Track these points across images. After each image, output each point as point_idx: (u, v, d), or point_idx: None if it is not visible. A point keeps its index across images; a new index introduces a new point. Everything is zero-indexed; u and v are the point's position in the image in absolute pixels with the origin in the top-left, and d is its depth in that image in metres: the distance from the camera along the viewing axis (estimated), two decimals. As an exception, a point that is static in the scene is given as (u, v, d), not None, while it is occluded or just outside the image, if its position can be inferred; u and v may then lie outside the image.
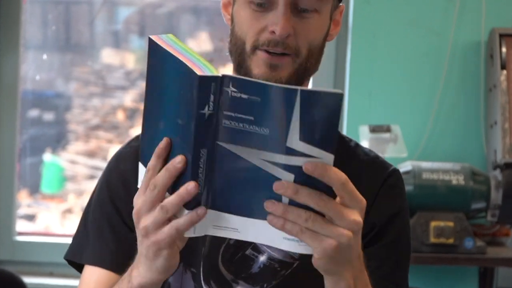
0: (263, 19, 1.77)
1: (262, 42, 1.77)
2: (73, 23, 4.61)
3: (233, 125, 1.49)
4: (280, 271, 1.83)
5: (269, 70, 1.76)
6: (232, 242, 1.82)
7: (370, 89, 3.55)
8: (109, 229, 1.89)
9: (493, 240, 3.45)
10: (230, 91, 1.48)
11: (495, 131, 3.36)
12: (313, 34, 1.80)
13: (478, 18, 3.50)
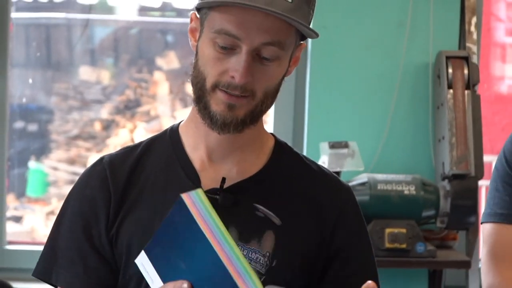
0: (225, 62, 1.79)
1: (222, 84, 1.79)
2: (53, 43, 4.80)
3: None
4: None
5: (227, 109, 1.80)
6: None
7: (328, 108, 3.64)
8: (79, 259, 1.93)
9: (442, 244, 3.59)
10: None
11: (443, 145, 3.50)
12: (271, 80, 1.83)
13: (426, 42, 3.63)
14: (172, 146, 1.98)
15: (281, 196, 1.94)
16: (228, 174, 1.91)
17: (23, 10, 4.81)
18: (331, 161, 3.37)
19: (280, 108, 3.79)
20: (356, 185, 3.45)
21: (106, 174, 1.95)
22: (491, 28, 5.35)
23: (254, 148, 1.96)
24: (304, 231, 1.92)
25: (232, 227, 1.85)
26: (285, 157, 2.00)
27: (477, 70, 3.58)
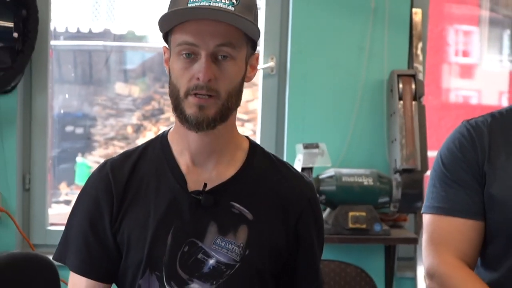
0: (191, 69, 1.76)
1: (191, 88, 1.75)
2: (94, 65, 4.87)
3: None
4: (226, 271, 1.82)
5: (198, 110, 1.76)
6: (186, 249, 1.82)
7: (303, 116, 3.56)
8: (85, 248, 1.88)
9: (394, 224, 3.53)
10: None
11: (395, 145, 3.42)
12: (230, 78, 1.79)
13: (382, 63, 3.56)
14: (163, 152, 1.93)
15: (254, 195, 1.89)
16: (209, 177, 1.87)
17: (71, 39, 4.88)
18: (305, 159, 3.30)
19: (266, 116, 3.70)
20: (325, 178, 3.37)
21: (109, 178, 1.90)
22: (441, 50, 5.24)
23: (229, 151, 1.91)
24: (273, 224, 1.88)
25: (212, 223, 1.84)
26: (257, 159, 1.94)
27: (422, 85, 3.50)
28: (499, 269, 2.09)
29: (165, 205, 1.86)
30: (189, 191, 1.85)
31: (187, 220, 1.84)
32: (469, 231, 2.09)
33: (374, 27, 3.55)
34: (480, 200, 2.09)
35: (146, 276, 1.84)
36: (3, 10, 3.32)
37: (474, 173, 2.10)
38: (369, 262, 3.36)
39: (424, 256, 2.14)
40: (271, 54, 3.65)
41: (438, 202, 2.13)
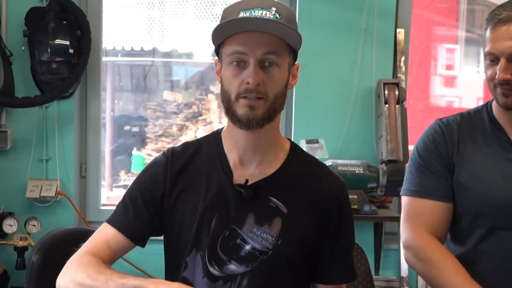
0: (240, 76, 1.64)
1: (242, 92, 1.64)
2: (148, 77, 5.16)
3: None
4: (259, 256, 1.71)
5: (248, 110, 1.64)
6: (227, 234, 1.72)
7: (307, 117, 3.51)
8: (133, 211, 1.76)
9: (381, 205, 3.44)
10: None
11: (382, 141, 3.34)
12: (276, 83, 1.66)
13: (371, 73, 3.48)
14: (216, 147, 1.81)
15: (290, 191, 1.76)
16: (252, 173, 1.76)
17: (127, 56, 5.11)
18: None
19: None
20: None
21: (168, 161, 1.80)
22: (429, 64, 5.30)
23: (273, 150, 1.78)
24: (304, 218, 1.76)
25: (251, 213, 1.73)
26: (297, 159, 1.81)
27: (404, 92, 3.42)
28: (466, 243, 2.04)
29: (212, 193, 1.75)
30: (234, 184, 1.74)
31: (230, 209, 1.73)
32: (439, 211, 2.04)
33: (364, 44, 3.47)
34: (450, 186, 2.04)
35: (192, 255, 1.74)
36: (61, 31, 3.29)
37: (444, 163, 2.05)
38: (360, 236, 3.15)
39: (401, 231, 2.09)
40: None
41: (414, 186, 2.08)
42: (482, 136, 2.03)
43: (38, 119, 3.46)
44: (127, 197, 1.80)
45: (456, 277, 1.93)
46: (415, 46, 5.26)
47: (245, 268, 1.70)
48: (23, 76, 3.41)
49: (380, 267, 3.50)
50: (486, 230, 1.97)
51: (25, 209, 3.47)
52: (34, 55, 3.29)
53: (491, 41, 1.92)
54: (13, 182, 3.48)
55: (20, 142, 3.48)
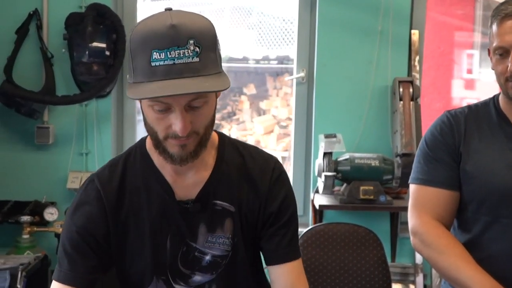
0: (167, 119, 1.38)
1: (170, 135, 1.40)
2: None
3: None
4: (221, 262, 1.58)
5: (180, 149, 1.41)
6: (185, 250, 1.56)
7: (327, 114, 3.43)
8: (79, 260, 1.50)
9: (397, 196, 3.35)
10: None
11: (397, 135, 3.25)
12: (207, 117, 1.43)
13: (386, 72, 3.39)
14: (146, 164, 1.55)
15: (230, 187, 1.58)
16: (191, 181, 1.54)
17: None
18: (326, 146, 3.17)
19: (298, 114, 3.59)
20: (341, 160, 3.23)
21: (100, 195, 1.52)
22: (451, 68, 5.22)
23: (205, 154, 1.53)
24: (251, 208, 1.59)
25: (202, 224, 1.56)
26: (228, 152, 1.60)
27: (419, 89, 3.33)
28: (472, 231, 1.95)
29: (158, 215, 1.54)
30: (177, 200, 1.54)
31: (180, 226, 1.55)
32: (446, 198, 1.95)
33: (380, 45, 3.39)
34: (456, 175, 1.95)
35: (154, 282, 1.57)
36: (98, 35, 3.26)
37: (451, 152, 1.96)
38: (376, 225, 3.21)
39: (409, 218, 2.01)
40: (302, 67, 3.54)
41: (421, 174, 2.00)
42: (489, 127, 1.95)
43: (78, 116, 3.44)
44: (67, 246, 1.52)
45: (461, 262, 1.84)
46: (432, 49, 5.15)
47: (210, 276, 1.58)
48: (63, 76, 3.39)
49: (396, 254, 3.43)
50: (491, 218, 1.88)
51: (66, 199, 3.44)
52: (73, 57, 3.27)
53: (499, 36, 1.83)
54: (55, 174, 3.46)
55: (62, 137, 3.46)
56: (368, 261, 2.76)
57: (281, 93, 5.94)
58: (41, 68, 3.36)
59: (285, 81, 4.95)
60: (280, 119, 5.89)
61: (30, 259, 3.00)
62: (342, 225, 2.79)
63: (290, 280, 1.59)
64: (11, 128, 3.45)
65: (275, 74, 5.88)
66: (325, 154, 3.12)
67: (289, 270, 1.59)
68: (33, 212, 3.33)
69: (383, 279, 2.74)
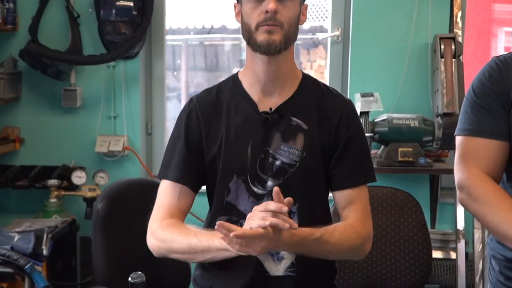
0: (259, 7, 1.72)
1: (261, 21, 1.72)
2: (219, 54, 4.85)
3: None
4: (288, 169, 1.80)
5: (267, 35, 1.71)
6: (263, 157, 1.80)
7: (363, 72, 3.33)
8: (184, 162, 1.82)
9: (437, 159, 3.25)
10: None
11: (438, 95, 3.15)
12: (290, 13, 1.74)
13: (426, 28, 3.26)
14: (236, 87, 1.88)
15: (306, 110, 1.85)
16: (274, 101, 1.85)
17: (200, 33, 4.74)
18: (362, 105, 3.07)
19: (333, 73, 3.49)
20: (379, 121, 3.14)
21: (196, 109, 1.86)
22: (490, 39, 5.08)
23: (289, 80, 1.85)
24: (321, 132, 1.84)
25: (277, 133, 1.81)
26: (309, 85, 1.89)
27: (461, 46, 3.21)
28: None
29: (243, 123, 1.83)
30: (259, 112, 1.83)
31: (260, 134, 1.82)
32: (495, 149, 1.82)
33: (420, 0, 3.26)
34: (506, 124, 1.82)
35: (234, 181, 1.81)
36: (125, -8, 3.22)
37: (501, 100, 1.83)
38: (415, 190, 3.11)
39: (455, 172, 1.87)
40: (337, 25, 3.42)
41: (468, 125, 1.87)
42: (542, 71, 1.81)
43: (106, 78, 3.38)
44: (173, 150, 1.85)
45: (511, 215, 1.71)
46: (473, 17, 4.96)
47: (277, 181, 1.79)
48: (90, 37, 3.32)
49: (436, 221, 3.34)
50: (544, 169, 1.75)
51: (94, 163, 3.40)
52: (100, 16, 3.21)
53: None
54: (83, 138, 3.42)
55: (89, 100, 3.41)
56: (407, 226, 2.69)
57: (315, 65, 5.85)
58: (67, 28, 3.29)
59: (319, 54, 4.83)
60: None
61: (57, 223, 2.97)
62: (380, 188, 2.72)
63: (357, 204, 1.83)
64: (37, 91, 3.40)
65: (309, 46, 5.77)
66: (362, 113, 3.01)
67: (360, 193, 1.84)
68: (61, 177, 3.29)
69: (423, 244, 2.68)
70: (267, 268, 1.81)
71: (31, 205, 3.36)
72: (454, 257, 3.22)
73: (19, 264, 2.12)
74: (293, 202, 1.72)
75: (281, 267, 1.82)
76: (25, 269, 2.12)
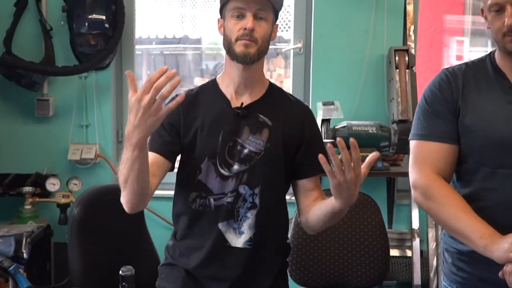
0: (239, 24, 2.02)
1: (240, 35, 2.01)
2: (180, 64, 5.00)
3: None
4: (255, 156, 2.08)
5: (244, 48, 2.01)
6: (231, 144, 2.07)
7: (324, 81, 3.46)
8: (162, 137, 2.05)
9: (393, 163, 3.38)
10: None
11: (393, 103, 3.29)
12: (264, 32, 2.04)
13: (382, 41, 3.42)
14: (214, 88, 2.16)
15: (272, 110, 2.13)
16: (245, 100, 2.12)
17: (160, 43, 4.88)
18: (324, 113, 3.21)
19: (296, 83, 3.62)
20: (339, 128, 3.25)
21: (179, 107, 2.01)
22: (441, 49, 5.22)
23: (258, 84, 2.15)
24: (284, 129, 2.12)
25: (246, 126, 2.09)
26: (274, 90, 2.19)
27: (414, 58, 3.38)
28: (471, 182, 1.99)
29: (217, 116, 2.09)
30: (232, 107, 2.10)
31: (231, 126, 2.08)
32: (445, 152, 1.99)
33: (376, 14, 3.41)
34: (455, 129, 1.99)
35: (205, 162, 2.06)
36: (98, 6, 3.29)
37: (450, 107, 2.00)
38: (374, 192, 3.23)
39: (410, 173, 2.04)
40: (299, 38, 3.57)
41: (421, 130, 2.04)
42: (486, 81, 1.98)
43: (78, 88, 3.46)
44: (155, 132, 2.04)
45: (461, 212, 1.88)
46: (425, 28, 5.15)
47: (244, 166, 2.07)
48: (62, 49, 3.40)
49: (393, 221, 3.47)
50: (490, 169, 1.92)
51: (67, 170, 3.47)
52: (73, 29, 3.29)
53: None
54: (55, 146, 3.48)
55: (62, 109, 3.48)
56: (366, 226, 2.82)
57: (274, 74, 5.93)
58: (40, 41, 3.37)
59: (279, 63, 4.95)
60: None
61: (33, 228, 3.04)
62: None
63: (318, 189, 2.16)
64: (11, 101, 3.47)
65: (269, 56, 5.88)
66: (323, 121, 3.14)
67: (319, 182, 2.18)
68: (35, 184, 3.36)
69: (381, 243, 2.81)
70: (228, 239, 2.06)
71: (6, 212, 3.40)
72: (410, 254, 3.32)
73: (4, 266, 2.21)
74: (256, 184, 2.07)
75: (241, 240, 2.07)
76: (9, 270, 2.21)
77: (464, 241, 1.88)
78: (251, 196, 2.08)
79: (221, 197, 2.07)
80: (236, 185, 2.06)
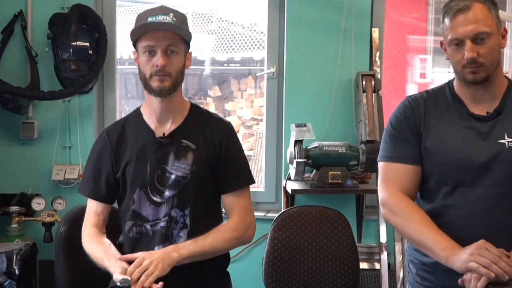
0: (152, 61, 2.12)
1: (153, 72, 2.12)
2: None
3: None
4: (182, 181, 2.20)
5: (159, 83, 2.12)
6: (159, 172, 2.19)
7: (296, 106, 3.56)
8: (93, 181, 2.26)
9: (362, 181, 3.48)
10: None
11: (361, 124, 3.39)
12: (176, 65, 2.15)
13: (350, 67, 3.53)
14: (138, 118, 2.28)
15: (194, 133, 2.24)
16: (169, 127, 2.24)
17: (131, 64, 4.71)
18: (297, 134, 3.30)
19: (270, 106, 3.72)
20: (311, 148, 3.36)
21: (107, 138, 2.28)
22: (406, 73, 5.40)
23: (179, 110, 2.26)
24: (207, 149, 2.24)
25: (171, 154, 2.21)
26: (195, 113, 2.29)
27: (380, 82, 3.48)
28: (434, 200, 2.13)
29: (143, 148, 2.21)
30: (156, 137, 2.22)
31: (157, 155, 2.21)
32: (410, 172, 2.13)
33: (344, 41, 3.53)
34: (418, 151, 2.13)
35: (137, 192, 2.20)
36: (81, 34, 3.37)
37: (413, 132, 2.14)
38: (344, 208, 3.31)
39: (379, 191, 2.17)
40: (272, 63, 3.67)
41: (388, 152, 2.17)
42: (445, 108, 2.12)
43: (61, 112, 3.53)
44: (90, 173, 2.28)
45: (424, 226, 2.02)
46: (390, 50, 5.35)
47: (174, 191, 2.19)
48: (47, 74, 3.49)
49: (362, 235, 3.57)
50: (451, 187, 2.06)
51: (51, 190, 3.53)
52: (58, 55, 3.37)
53: (453, 29, 2.00)
54: (39, 167, 3.55)
55: (46, 131, 3.55)
56: (337, 240, 2.90)
57: (245, 94, 6.00)
58: (26, 66, 3.45)
59: (249, 83, 5.07)
60: (245, 120, 5.93)
61: (21, 246, 3.10)
62: (313, 207, 2.94)
63: (241, 202, 2.27)
64: (-3, 124, 3.54)
65: (239, 77, 5.94)
66: (296, 142, 3.25)
67: (240, 195, 2.27)
68: (20, 203, 3.41)
69: (351, 256, 2.89)
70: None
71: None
72: (378, 267, 3.43)
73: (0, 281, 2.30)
74: (186, 206, 2.18)
75: None
76: (5, 285, 2.30)
77: (428, 253, 2.02)
78: (182, 217, 2.19)
79: (157, 222, 2.20)
80: (168, 209, 2.19)
